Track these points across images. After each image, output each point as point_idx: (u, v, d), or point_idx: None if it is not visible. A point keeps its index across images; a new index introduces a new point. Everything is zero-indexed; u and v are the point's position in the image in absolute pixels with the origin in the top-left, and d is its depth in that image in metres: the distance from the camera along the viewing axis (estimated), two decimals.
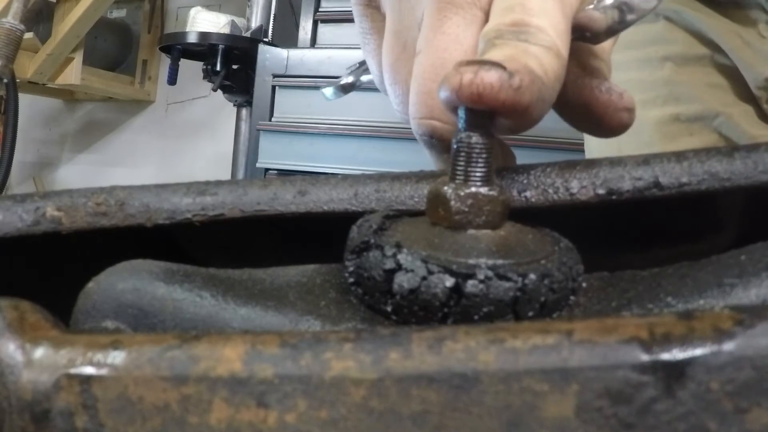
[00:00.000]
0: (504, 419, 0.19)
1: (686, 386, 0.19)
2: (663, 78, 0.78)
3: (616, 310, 0.26)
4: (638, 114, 0.84)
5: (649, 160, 0.29)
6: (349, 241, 0.27)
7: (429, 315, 0.24)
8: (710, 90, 0.77)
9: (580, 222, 0.30)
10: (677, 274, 0.27)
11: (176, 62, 2.47)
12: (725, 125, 0.75)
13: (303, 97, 2.00)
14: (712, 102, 0.76)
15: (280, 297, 0.26)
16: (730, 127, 0.75)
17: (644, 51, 0.79)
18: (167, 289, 0.26)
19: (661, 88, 0.78)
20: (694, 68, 0.77)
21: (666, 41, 0.78)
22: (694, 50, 0.77)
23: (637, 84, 0.80)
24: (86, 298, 0.26)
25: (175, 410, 0.20)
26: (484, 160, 0.27)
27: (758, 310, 0.19)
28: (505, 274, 0.24)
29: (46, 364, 0.21)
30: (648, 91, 0.79)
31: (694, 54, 0.77)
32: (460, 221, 0.26)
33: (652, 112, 0.78)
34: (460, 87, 0.26)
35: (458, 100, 0.26)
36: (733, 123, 0.75)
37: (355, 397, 0.19)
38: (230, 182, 0.30)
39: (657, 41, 0.79)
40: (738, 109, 0.76)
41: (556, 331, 0.20)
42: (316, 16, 2.24)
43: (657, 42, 0.79)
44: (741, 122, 0.75)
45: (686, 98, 0.77)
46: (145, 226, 0.29)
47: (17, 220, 0.29)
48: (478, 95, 0.26)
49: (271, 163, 2.05)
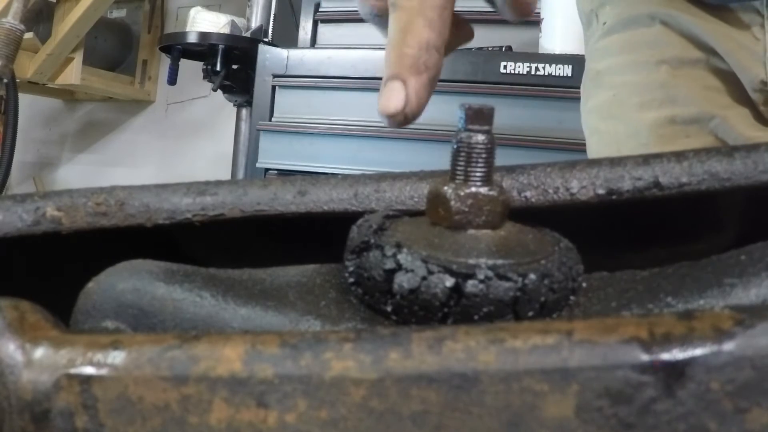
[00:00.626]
0: (504, 419, 0.19)
1: (686, 386, 0.19)
2: (659, 81, 0.78)
3: (616, 310, 0.26)
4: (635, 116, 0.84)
5: (649, 160, 0.29)
6: (349, 241, 0.27)
7: (429, 315, 0.24)
8: (706, 93, 0.77)
9: (580, 222, 0.30)
10: (677, 274, 0.27)
11: (176, 62, 2.47)
12: (721, 128, 0.76)
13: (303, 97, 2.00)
14: (707, 105, 0.77)
15: (280, 297, 0.26)
16: (726, 130, 0.75)
17: (640, 54, 0.80)
18: (167, 289, 0.26)
19: (657, 91, 0.78)
20: (690, 71, 0.78)
21: (662, 45, 0.79)
22: (689, 54, 0.78)
23: (633, 87, 0.80)
24: (86, 298, 0.26)
25: (175, 410, 0.20)
26: (484, 160, 0.27)
27: (758, 310, 0.19)
28: (505, 274, 0.24)
29: (46, 364, 0.21)
30: (644, 94, 0.79)
31: (689, 57, 0.78)
32: (460, 221, 0.26)
33: (649, 114, 0.78)
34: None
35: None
36: (728, 125, 0.75)
37: (355, 397, 0.19)
38: (230, 182, 0.30)
39: (653, 45, 0.79)
40: (734, 112, 0.77)
41: (556, 331, 0.20)
42: (316, 16, 2.24)
43: (653, 46, 0.79)
44: (737, 125, 0.76)
45: (682, 101, 0.77)
46: (145, 226, 0.29)
47: (17, 220, 0.29)
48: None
49: (271, 163, 2.05)
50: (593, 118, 0.86)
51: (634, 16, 0.81)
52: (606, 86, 0.84)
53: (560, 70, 1.66)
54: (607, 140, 0.83)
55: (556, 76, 1.66)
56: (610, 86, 0.83)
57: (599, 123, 0.85)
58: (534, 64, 1.68)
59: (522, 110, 1.67)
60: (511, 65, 1.69)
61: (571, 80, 1.63)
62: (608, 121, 0.83)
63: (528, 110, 1.68)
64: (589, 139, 0.86)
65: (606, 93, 0.83)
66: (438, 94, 1.21)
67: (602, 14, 0.85)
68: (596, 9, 0.86)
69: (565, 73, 1.65)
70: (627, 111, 0.81)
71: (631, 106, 0.80)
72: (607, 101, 0.83)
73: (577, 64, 1.62)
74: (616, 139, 0.81)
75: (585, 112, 0.88)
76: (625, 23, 0.82)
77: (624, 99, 0.81)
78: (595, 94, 0.86)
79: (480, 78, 1.72)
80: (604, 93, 0.84)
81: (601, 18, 0.85)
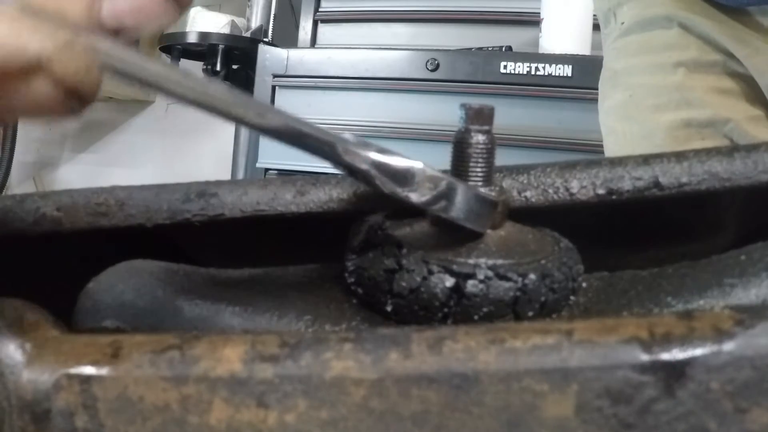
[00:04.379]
0: (504, 419, 0.19)
1: (686, 386, 0.19)
2: (676, 83, 0.79)
3: (616, 310, 0.26)
4: (651, 118, 0.84)
5: (649, 160, 0.29)
6: (349, 241, 0.27)
7: (429, 315, 0.24)
8: (721, 96, 0.78)
9: (580, 222, 0.30)
10: (677, 274, 0.27)
11: (176, 62, 2.47)
12: (736, 131, 0.76)
13: (303, 97, 2.00)
14: (723, 108, 0.77)
15: (280, 297, 0.26)
16: (741, 134, 0.76)
17: (658, 56, 0.80)
18: (167, 290, 0.26)
19: (673, 93, 0.79)
20: (707, 74, 0.78)
21: (679, 47, 0.79)
22: (706, 56, 0.78)
23: (650, 88, 0.81)
24: (86, 298, 0.26)
25: (175, 410, 0.20)
26: (484, 160, 0.27)
27: (758, 310, 0.19)
28: (505, 274, 0.24)
29: (46, 364, 0.21)
30: (660, 96, 0.80)
31: (706, 60, 0.78)
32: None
33: (665, 116, 0.79)
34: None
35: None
36: (743, 129, 0.76)
37: (355, 397, 0.19)
38: (230, 182, 0.30)
39: (671, 47, 0.79)
40: (749, 115, 0.77)
41: (556, 331, 0.20)
42: (316, 16, 2.24)
43: (671, 48, 0.79)
44: (752, 128, 0.76)
45: (698, 103, 0.77)
46: (145, 226, 0.29)
47: (17, 220, 0.29)
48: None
49: (271, 163, 2.05)
50: (610, 119, 0.86)
51: (652, 17, 0.81)
52: (622, 87, 0.84)
53: (560, 70, 1.65)
54: (622, 141, 0.83)
55: (556, 76, 1.66)
56: (626, 87, 0.83)
57: (615, 123, 0.85)
58: (534, 64, 1.68)
59: (522, 110, 1.67)
60: (511, 65, 1.69)
61: (571, 80, 1.63)
62: (624, 122, 0.83)
63: (528, 110, 1.67)
64: (605, 138, 0.87)
65: (622, 93, 0.84)
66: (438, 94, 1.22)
67: (620, 14, 0.85)
68: (614, 8, 0.86)
69: (565, 73, 1.65)
70: (642, 112, 0.81)
71: (646, 107, 0.80)
72: (623, 102, 0.83)
73: (577, 64, 1.62)
74: (631, 140, 0.81)
75: (602, 112, 0.88)
76: (642, 24, 0.82)
77: (640, 100, 0.81)
78: (611, 94, 0.86)
79: (480, 78, 1.72)
80: (620, 93, 0.84)
81: (619, 18, 0.85)
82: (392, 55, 1.83)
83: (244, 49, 2.28)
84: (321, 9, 2.24)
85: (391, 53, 1.84)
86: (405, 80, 1.76)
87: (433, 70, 1.72)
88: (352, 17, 2.16)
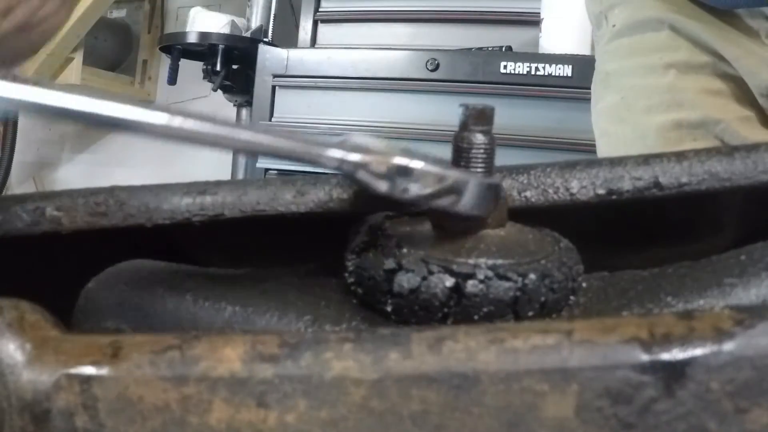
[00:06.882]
0: (504, 419, 0.19)
1: (686, 386, 0.19)
2: (666, 84, 0.79)
3: (616, 310, 0.26)
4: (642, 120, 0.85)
5: (649, 160, 0.29)
6: (349, 241, 0.27)
7: (429, 315, 0.24)
8: (712, 97, 0.78)
9: (580, 222, 0.30)
10: (677, 274, 0.27)
11: (176, 62, 2.46)
12: (727, 132, 0.76)
13: (303, 97, 2.00)
14: (714, 109, 0.77)
15: (280, 297, 0.26)
16: (732, 134, 0.76)
17: (649, 58, 0.81)
18: (167, 290, 0.26)
19: (664, 95, 0.79)
20: (697, 75, 0.79)
21: (670, 49, 0.79)
22: (697, 58, 0.79)
23: (641, 90, 0.81)
24: (86, 298, 0.26)
25: (175, 410, 0.20)
26: (484, 160, 0.27)
27: (758, 310, 0.19)
28: (505, 274, 0.24)
29: (46, 364, 0.21)
30: (652, 98, 0.80)
31: (697, 62, 0.78)
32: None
33: (656, 118, 0.79)
34: None
35: None
36: (735, 130, 0.76)
37: (356, 397, 0.19)
38: (230, 182, 0.30)
39: (661, 49, 0.80)
40: (740, 116, 0.77)
41: (556, 331, 0.20)
42: (316, 16, 2.24)
43: (661, 50, 0.80)
44: (743, 129, 0.76)
45: (689, 105, 0.78)
46: (145, 226, 0.29)
47: (17, 220, 0.29)
48: None
49: (271, 163, 2.05)
50: (602, 120, 0.87)
51: (643, 19, 0.81)
52: (614, 89, 0.84)
53: (560, 70, 1.65)
54: (614, 143, 0.83)
55: (556, 76, 1.66)
56: (618, 89, 0.84)
57: (608, 125, 0.85)
58: (534, 64, 1.68)
59: (522, 110, 1.67)
60: (511, 65, 1.69)
61: (571, 80, 1.63)
62: (616, 124, 0.84)
63: (528, 110, 1.67)
64: (598, 140, 0.87)
65: (614, 95, 0.84)
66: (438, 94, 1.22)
67: (611, 16, 0.85)
68: (605, 11, 0.86)
69: (565, 73, 1.65)
70: (634, 114, 0.81)
71: (638, 109, 0.81)
72: (615, 104, 0.84)
73: (577, 64, 1.62)
74: (623, 142, 0.82)
75: (595, 114, 0.88)
76: (633, 27, 0.82)
77: (631, 102, 0.82)
78: (604, 96, 0.86)
79: (480, 78, 1.72)
80: (612, 95, 0.84)
81: (611, 20, 0.85)
82: (392, 55, 1.83)
83: (244, 49, 2.28)
84: (321, 9, 2.23)
85: (391, 53, 1.84)
86: (405, 80, 1.76)
87: (433, 70, 1.72)
88: (352, 17, 2.16)
